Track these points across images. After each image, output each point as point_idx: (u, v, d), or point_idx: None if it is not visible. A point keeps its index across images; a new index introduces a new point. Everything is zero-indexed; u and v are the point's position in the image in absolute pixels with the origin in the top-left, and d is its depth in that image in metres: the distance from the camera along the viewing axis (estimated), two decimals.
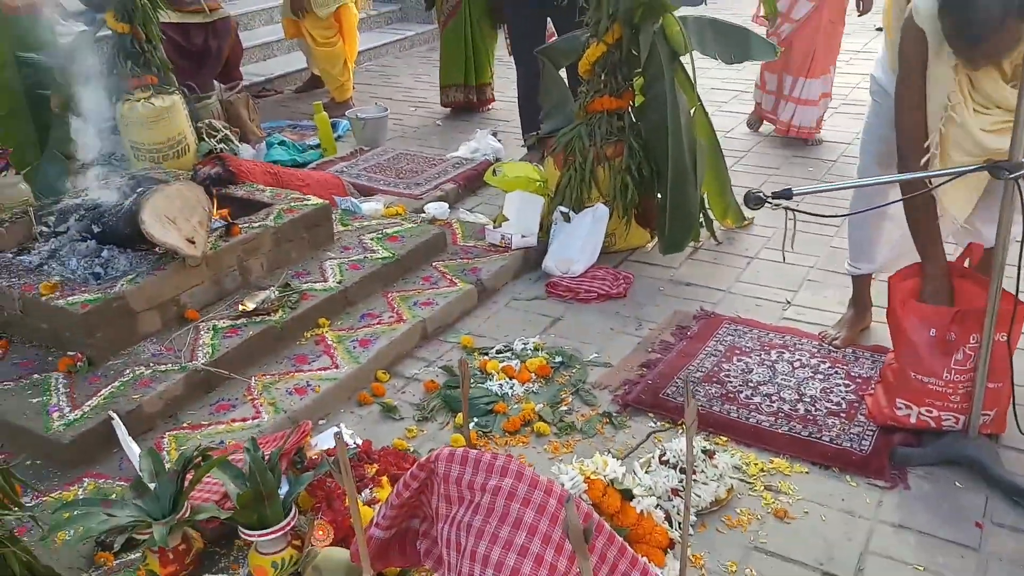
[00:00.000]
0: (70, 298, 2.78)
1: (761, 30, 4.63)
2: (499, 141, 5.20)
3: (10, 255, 3.23)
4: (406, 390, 2.95)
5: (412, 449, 2.60)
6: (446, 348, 3.20)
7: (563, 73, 4.16)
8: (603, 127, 3.57)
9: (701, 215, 3.78)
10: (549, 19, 4.69)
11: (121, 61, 4.66)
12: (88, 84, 4.53)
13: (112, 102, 4.74)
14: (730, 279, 3.61)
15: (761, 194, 2.23)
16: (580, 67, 3.61)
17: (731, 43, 3.40)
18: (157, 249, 3.08)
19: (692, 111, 3.58)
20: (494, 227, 3.82)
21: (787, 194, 2.19)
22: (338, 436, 1.51)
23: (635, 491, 2.07)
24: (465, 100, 5.93)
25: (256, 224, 3.29)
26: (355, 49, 6.35)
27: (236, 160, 3.86)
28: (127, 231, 3.09)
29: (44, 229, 3.46)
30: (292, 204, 3.49)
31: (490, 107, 6.10)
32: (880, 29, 5.76)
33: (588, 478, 1.98)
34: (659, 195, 3.67)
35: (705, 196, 3.83)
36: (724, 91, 6.18)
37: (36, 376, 2.73)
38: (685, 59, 3.54)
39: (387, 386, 2.96)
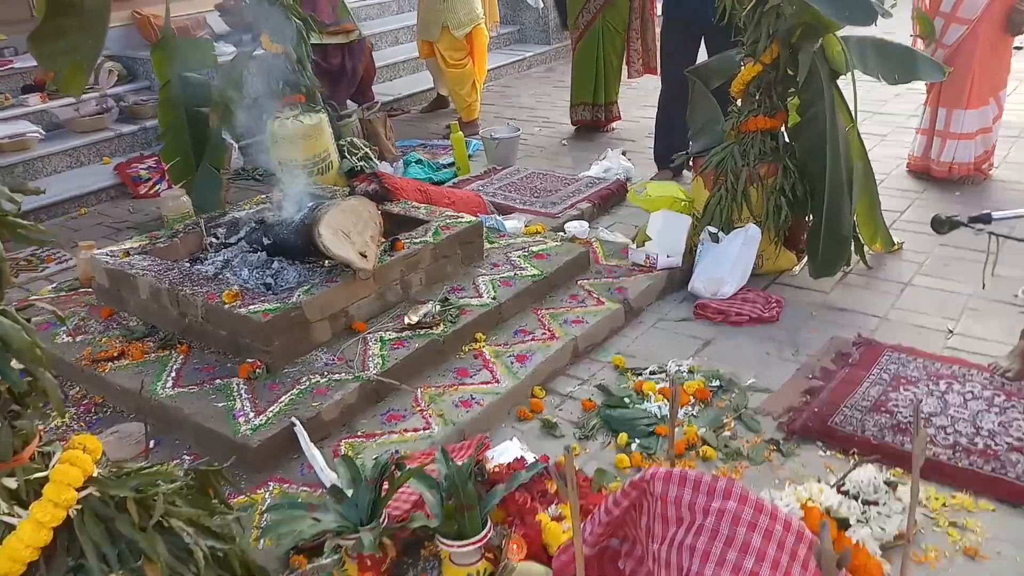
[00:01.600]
0: (251, 307, 2.93)
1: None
2: (629, 160, 5.22)
3: (187, 264, 3.43)
4: (563, 407, 2.98)
5: (577, 467, 2.62)
6: (598, 367, 3.21)
7: None
8: (756, 147, 3.54)
9: (853, 238, 3.69)
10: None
11: (274, 80, 4.88)
12: (244, 102, 4.79)
13: (264, 119, 4.98)
14: (885, 305, 3.51)
15: (956, 217, 2.17)
16: (733, 87, 3.60)
17: (895, 63, 3.32)
18: (325, 262, 3.22)
19: (848, 131, 3.51)
20: (636, 246, 3.83)
21: (986, 218, 2.13)
22: (568, 451, 1.54)
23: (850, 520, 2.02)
24: (592, 118, 5.99)
25: (417, 240, 3.40)
26: (484, 70, 6.50)
27: (390, 178, 4.00)
28: (299, 243, 3.24)
29: (214, 240, 3.66)
30: (448, 221, 3.59)
31: (614, 126, 6.13)
32: None
33: (804, 505, 1.96)
34: (811, 217, 3.61)
35: (855, 219, 3.74)
36: (860, 111, 6.02)
37: (219, 381, 2.88)
38: (841, 80, 3.49)
39: (544, 402, 2.99)
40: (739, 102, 3.64)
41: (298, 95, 4.92)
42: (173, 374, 2.95)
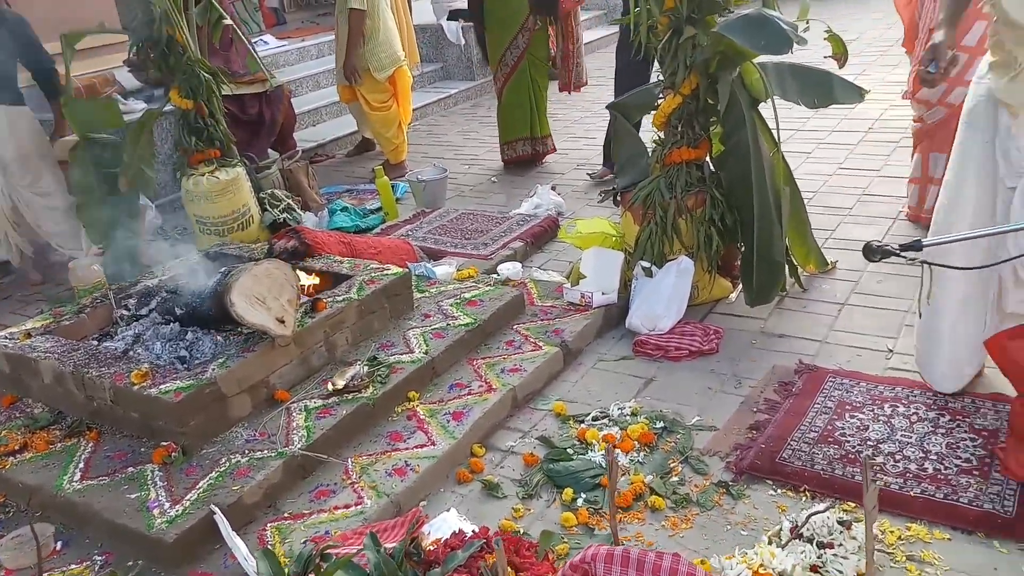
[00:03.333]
0: (163, 386, 2.73)
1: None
2: (559, 194, 5.15)
3: (95, 342, 3.21)
4: (504, 464, 2.84)
5: (521, 531, 2.48)
6: (539, 416, 3.09)
7: None
8: (682, 179, 3.49)
9: (786, 262, 3.66)
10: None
11: (185, 136, 4.70)
12: (155, 161, 4.59)
13: (177, 177, 4.78)
14: (824, 328, 3.47)
15: (887, 246, 2.10)
16: (655, 119, 3.55)
17: (813, 87, 3.31)
18: (242, 330, 3.04)
19: (773, 156, 3.48)
20: (571, 285, 3.73)
21: (916, 245, 2.07)
22: (498, 542, 1.40)
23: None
24: (533, 152, 5.93)
25: (340, 298, 3.24)
26: (409, 111, 6.40)
27: (311, 232, 3.83)
28: (212, 312, 3.06)
29: (124, 313, 3.45)
30: (372, 275, 3.44)
31: (547, 160, 6.08)
32: None
33: (756, 572, 1.85)
34: (742, 245, 3.56)
35: (787, 242, 3.71)
36: (782, 131, 6.07)
37: (131, 469, 2.67)
38: (763, 105, 3.46)
39: (484, 461, 2.85)
40: (661, 134, 3.59)
41: (212, 150, 4.74)
42: (82, 465, 2.73)
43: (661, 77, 3.48)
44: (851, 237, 4.22)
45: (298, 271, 3.50)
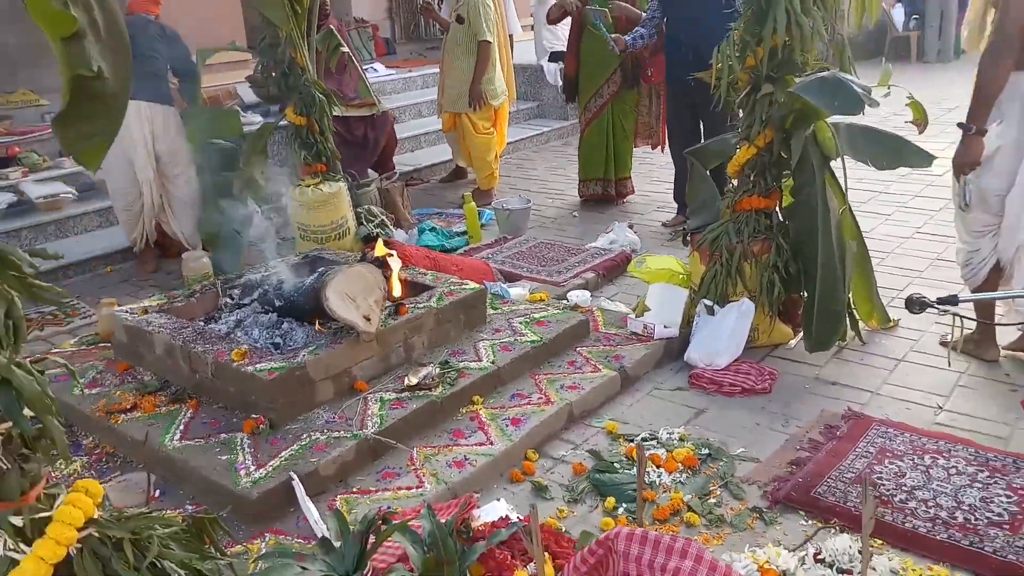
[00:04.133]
0: (259, 365, 3.07)
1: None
2: (635, 233, 5.38)
3: (201, 322, 3.59)
4: (555, 471, 3.07)
5: (564, 529, 2.69)
6: (591, 432, 3.30)
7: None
8: (751, 225, 3.68)
9: (847, 315, 3.79)
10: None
11: (296, 150, 5.13)
12: (267, 170, 5.04)
13: (285, 187, 5.22)
14: (877, 381, 3.59)
15: (925, 299, 2.27)
16: (729, 168, 3.76)
17: (884, 150, 3.47)
18: (331, 325, 3.37)
19: (841, 212, 3.64)
20: (635, 316, 3.95)
21: (953, 300, 2.23)
22: (533, 508, 1.64)
23: None
24: (603, 193, 6.21)
25: (421, 305, 3.55)
26: (504, 141, 6.79)
27: (400, 245, 4.17)
28: (307, 306, 3.40)
29: (229, 301, 3.83)
30: (452, 288, 3.74)
31: (628, 200, 6.33)
32: None
33: (761, 567, 2.03)
34: (805, 294, 3.72)
35: (851, 296, 3.84)
36: (864, 191, 6.18)
37: (224, 435, 3.01)
38: (836, 162, 3.64)
39: (536, 465, 3.08)
40: (735, 182, 3.80)
41: (319, 164, 5.16)
42: (181, 427, 3.08)
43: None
44: None
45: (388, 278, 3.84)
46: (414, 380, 3.26)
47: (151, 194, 5.16)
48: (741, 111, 3.64)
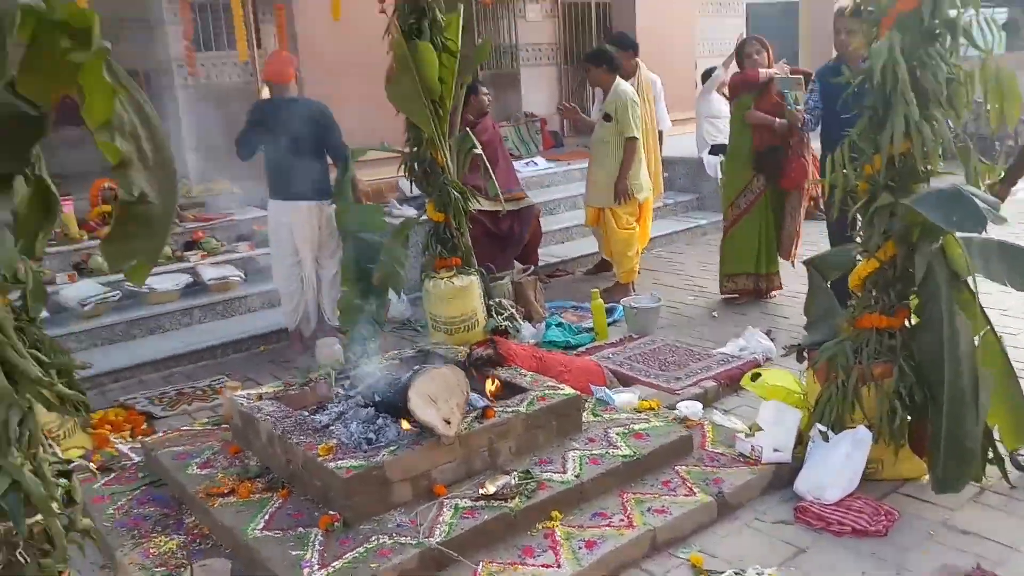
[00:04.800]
0: (340, 462, 3.16)
1: None
2: (772, 339, 5.07)
3: (307, 413, 3.76)
4: None
5: None
6: (674, 564, 3.08)
7: None
8: (872, 345, 3.37)
9: (990, 451, 3.33)
10: None
11: (433, 244, 5.35)
12: (406, 262, 5.29)
13: (421, 278, 5.44)
14: (1021, 534, 3.10)
15: None
16: (851, 281, 3.48)
17: (1021, 269, 3.08)
18: (417, 424, 3.41)
19: (979, 336, 3.25)
20: (746, 436, 3.69)
21: None
22: None
23: None
24: (754, 287, 5.99)
25: (510, 409, 3.52)
26: (647, 237, 6.74)
27: (506, 344, 4.19)
28: (398, 404, 3.47)
29: (339, 391, 4.00)
30: (546, 392, 3.69)
31: (775, 294, 6.05)
32: None
33: None
34: (930, 426, 3.32)
35: (996, 429, 3.39)
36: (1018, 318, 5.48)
37: (301, 529, 3.09)
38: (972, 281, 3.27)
39: None
40: (858, 295, 3.51)
41: (454, 258, 5.34)
42: (267, 516, 3.21)
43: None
44: None
45: (486, 378, 3.87)
46: (491, 489, 3.21)
47: (312, 279, 5.55)
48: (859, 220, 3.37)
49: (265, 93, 5.98)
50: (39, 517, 1.70)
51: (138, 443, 4.22)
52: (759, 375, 3.93)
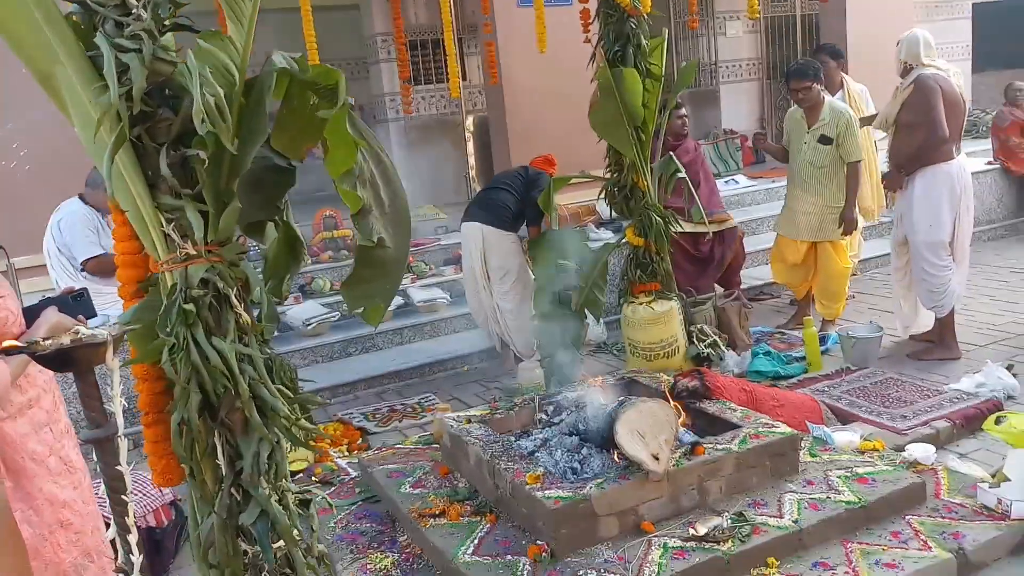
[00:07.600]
0: (548, 491, 3.16)
1: None
2: (1014, 375, 4.54)
3: (512, 438, 3.81)
4: None
5: None
6: None
7: None
8: None
9: None
10: None
11: (632, 269, 5.28)
12: (605, 286, 5.26)
13: (618, 302, 5.38)
14: None
15: None
16: None
17: None
18: (623, 457, 3.35)
19: None
20: (989, 486, 3.31)
21: None
22: None
23: None
24: None
25: (720, 447, 3.38)
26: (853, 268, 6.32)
27: (714, 376, 4.03)
28: (604, 434, 3.43)
29: (543, 416, 4.02)
30: (760, 429, 3.50)
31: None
32: None
33: None
34: None
35: None
36: None
37: (509, 557, 3.12)
38: None
39: None
40: None
41: (653, 283, 5.24)
42: (476, 541, 3.26)
43: None
44: None
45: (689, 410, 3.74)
46: (703, 530, 3.09)
47: (490, 302, 5.65)
48: None
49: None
50: (281, 543, 1.82)
51: (355, 458, 4.47)
52: (1004, 417, 3.51)
